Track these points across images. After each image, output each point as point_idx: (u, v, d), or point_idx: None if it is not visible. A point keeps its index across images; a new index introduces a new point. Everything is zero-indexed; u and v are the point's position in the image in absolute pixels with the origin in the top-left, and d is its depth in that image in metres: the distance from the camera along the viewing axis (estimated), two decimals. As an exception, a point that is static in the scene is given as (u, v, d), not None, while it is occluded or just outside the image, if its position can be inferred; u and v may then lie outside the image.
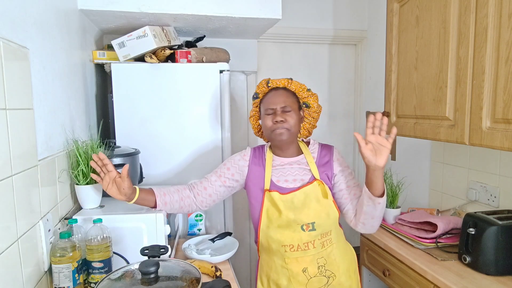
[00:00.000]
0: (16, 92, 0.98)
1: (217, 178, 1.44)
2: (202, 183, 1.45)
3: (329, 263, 1.37)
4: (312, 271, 1.35)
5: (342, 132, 2.97)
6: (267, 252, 1.41)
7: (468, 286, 1.28)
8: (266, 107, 1.38)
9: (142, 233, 1.32)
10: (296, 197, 1.33)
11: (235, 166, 1.44)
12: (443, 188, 2.02)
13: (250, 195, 1.42)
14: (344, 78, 2.92)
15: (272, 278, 1.40)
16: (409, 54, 1.68)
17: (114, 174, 1.25)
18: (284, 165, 1.41)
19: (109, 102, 1.93)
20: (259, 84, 1.43)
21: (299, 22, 2.68)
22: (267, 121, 1.37)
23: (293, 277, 1.35)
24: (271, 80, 1.39)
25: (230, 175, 1.44)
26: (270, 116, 1.36)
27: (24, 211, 1.00)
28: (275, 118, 1.34)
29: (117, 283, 0.90)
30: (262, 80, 1.42)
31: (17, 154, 0.97)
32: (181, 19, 1.92)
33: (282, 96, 1.36)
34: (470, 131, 1.34)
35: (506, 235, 1.33)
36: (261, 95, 1.42)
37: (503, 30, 1.19)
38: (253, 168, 1.42)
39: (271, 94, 1.39)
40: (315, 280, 1.35)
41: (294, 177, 1.38)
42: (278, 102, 1.36)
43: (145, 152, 1.84)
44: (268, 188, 1.36)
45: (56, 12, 1.38)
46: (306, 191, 1.34)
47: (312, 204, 1.33)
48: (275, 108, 1.36)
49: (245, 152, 1.48)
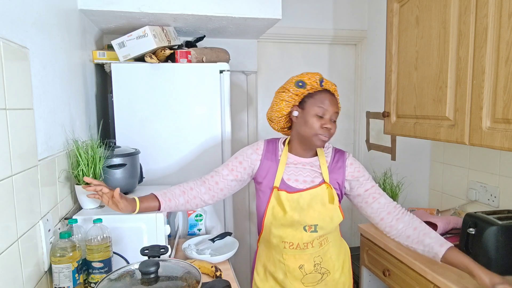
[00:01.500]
0: (16, 92, 0.98)
1: (229, 172, 1.40)
2: (213, 177, 1.41)
3: (324, 261, 1.39)
4: (308, 268, 1.36)
5: (342, 132, 2.97)
6: (266, 245, 1.42)
7: (468, 286, 1.28)
8: (320, 105, 1.31)
9: (142, 233, 1.32)
10: (302, 198, 1.33)
11: (247, 160, 1.41)
12: (443, 188, 2.02)
13: (259, 188, 1.41)
14: (344, 78, 2.92)
15: (268, 270, 1.42)
16: (409, 54, 1.68)
17: (109, 194, 1.28)
18: (297, 164, 1.39)
19: (109, 102, 1.93)
20: (308, 76, 1.35)
21: (299, 22, 2.68)
22: (315, 122, 1.31)
23: (289, 272, 1.36)
24: (325, 79, 1.35)
25: (242, 169, 1.41)
26: (320, 119, 1.31)
27: (24, 211, 1.00)
28: (326, 124, 1.30)
29: (117, 283, 0.90)
30: (312, 75, 1.35)
31: (17, 154, 0.97)
32: (181, 19, 1.92)
33: (336, 103, 1.34)
34: (470, 131, 1.34)
35: (506, 235, 1.33)
36: (311, 89, 1.35)
37: (503, 30, 1.19)
38: (266, 162, 1.40)
39: (327, 96, 1.33)
40: (310, 276, 1.37)
41: (305, 178, 1.37)
42: (333, 107, 1.32)
43: (145, 152, 1.84)
44: (277, 185, 1.35)
45: (56, 12, 1.38)
46: (313, 193, 1.33)
47: (317, 207, 1.33)
48: (329, 112, 1.32)
49: (257, 146, 1.43)
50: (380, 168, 2.60)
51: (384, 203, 1.37)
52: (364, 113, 2.85)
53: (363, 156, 2.91)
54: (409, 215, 1.36)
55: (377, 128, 2.67)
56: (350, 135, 2.99)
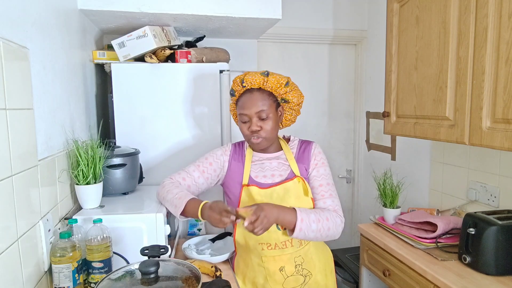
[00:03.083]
0: (16, 92, 0.98)
1: (200, 174, 1.42)
2: (185, 180, 1.42)
3: (306, 261, 1.36)
4: (289, 270, 1.34)
5: (342, 132, 2.97)
6: (244, 250, 1.41)
7: (468, 286, 1.28)
8: (241, 113, 1.33)
9: (142, 233, 1.32)
10: (275, 192, 1.32)
11: (217, 161, 1.43)
12: (443, 188, 2.02)
13: (228, 190, 1.42)
14: (344, 78, 2.92)
15: (248, 276, 1.40)
16: (409, 54, 1.68)
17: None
18: (262, 160, 1.40)
19: (109, 102, 1.93)
20: (234, 81, 1.35)
21: (299, 22, 2.68)
22: (242, 128, 1.34)
23: (270, 276, 1.34)
24: (246, 78, 1.31)
25: (212, 170, 1.43)
26: (245, 124, 1.33)
27: (24, 211, 1.00)
28: (251, 127, 1.30)
29: (117, 283, 0.90)
30: (237, 77, 1.34)
31: (17, 154, 0.97)
32: (181, 19, 1.92)
33: (257, 101, 1.29)
34: (470, 131, 1.34)
35: (506, 235, 1.33)
36: (237, 94, 1.37)
37: (503, 30, 1.19)
38: (233, 163, 1.42)
39: (246, 98, 1.32)
40: (291, 279, 1.34)
41: (273, 172, 1.37)
42: (252, 108, 1.29)
43: (145, 152, 1.84)
44: (246, 183, 1.35)
45: (56, 12, 1.38)
46: (287, 186, 1.32)
47: (291, 201, 1.31)
48: (250, 115, 1.31)
49: (226, 148, 1.46)
50: (380, 168, 2.60)
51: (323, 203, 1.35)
52: (364, 113, 2.85)
53: (363, 156, 2.91)
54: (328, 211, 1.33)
55: (377, 128, 2.67)
56: (350, 135, 2.99)
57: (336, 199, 1.38)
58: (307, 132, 2.85)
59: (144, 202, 1.52)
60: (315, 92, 2.86)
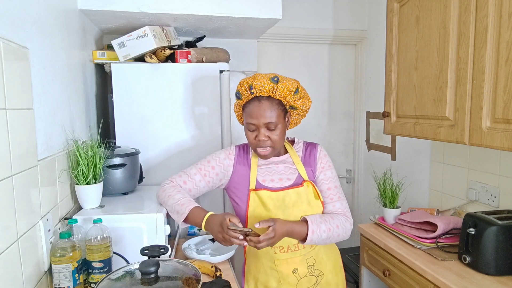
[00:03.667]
0: (16, 92, 0.98)
1: (202, 178, 1.37)
2: (186, 184, 1.38)
3: (317, 262, 1.37)
4: (302, 272, 1.34)
5: (342, 132, 2.97)
6: (254, 254, 1.39)
7: (468, 286, 1.28)
8: (248, 121, 1.27)
9: (142, 233, 1.32)
10: (288, 196, 1.31)
11: (220, 165, 1.38)
12: (443, 188, 2.02)
13: (235, 195, 1.38)
14: (344, 78, 2.92)
15: (260, 280, 1.38)
16: (409, 54, 1.68)
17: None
18: (269, 164, 1.37)
19: (109, 102, 1.94)
20: (241, 85, 1.29)
21: (299, 22, 2.68)
22: (249, 136, 1.29)
23: (283, 278, 1.34)
24: (255, 84, 1.24)
25: (214, 174, 1.38)
26: (252, 133, 1.28)
27: (24, 211, 1.00)
28: (258, 137, 1.26)
29: (117, 283, 0.90)
30: (245, 81, 1.28)
31: (17, 154, 0.97)
32: (181, 19, 1.92)
33: (265, 112, 1.24)
34: (470, 131, 1.34)
35: (506, 235, 1.33)
36: (245, 99, 1.30)
37: (503, 30, 1.19)
38: (238, 168, 1.38)
39: (254, 106, 1.26)
40: (304, 280, 1.34)
41: (280, 176, 1.36)
42: (261, 119, 1.24)
43: (145, 152, 1.84)
44: (254, 187, 1.33)
45: (56, 12, 1.38)
46: (299, 192, 1.32)
47: (303, 206, 1.31)
48: (258, 125, 1.26)
49: (230, 151, 1.41)
50: (380, 168, 2.60)
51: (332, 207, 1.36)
52: (364, 113, 2.85)
53: (363, 156, 2.91)
54: (337, 217, 1.34)
55: (377, 128, 2.67)
56: (350, 135, 2.99)
57: (344, 201, 1.40)
58: (307, 132, 2.85)
59: (144, 202, 1.52)
60: (315, 92, 2.85)
